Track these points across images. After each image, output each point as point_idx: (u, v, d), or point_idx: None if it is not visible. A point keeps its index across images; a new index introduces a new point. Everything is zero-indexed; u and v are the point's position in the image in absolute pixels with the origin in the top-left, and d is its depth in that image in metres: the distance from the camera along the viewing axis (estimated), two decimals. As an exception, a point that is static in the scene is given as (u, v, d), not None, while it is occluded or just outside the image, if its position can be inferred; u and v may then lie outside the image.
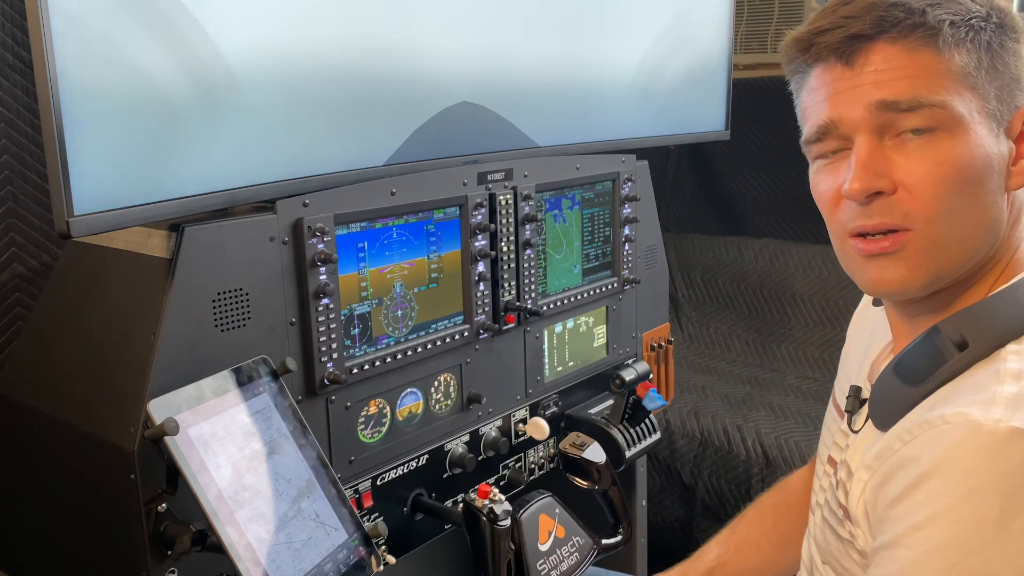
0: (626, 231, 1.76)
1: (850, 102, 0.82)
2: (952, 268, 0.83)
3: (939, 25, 0.80)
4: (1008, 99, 0.83)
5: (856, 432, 0.93)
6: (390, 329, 1.34)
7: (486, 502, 1.29)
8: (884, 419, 0.84)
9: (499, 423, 1.55)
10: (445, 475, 1.45)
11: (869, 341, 1.03)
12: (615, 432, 1.60)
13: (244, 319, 1.14)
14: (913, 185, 0.80)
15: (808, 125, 0.88)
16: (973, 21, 0.81)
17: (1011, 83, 0.83)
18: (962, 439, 0.72)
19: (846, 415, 0.96)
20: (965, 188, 0.80)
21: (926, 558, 0.72)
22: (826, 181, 0.87)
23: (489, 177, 1.46)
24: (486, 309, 1.48)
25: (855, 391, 0.96)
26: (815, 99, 0.86)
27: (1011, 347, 0.78)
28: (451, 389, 1.45)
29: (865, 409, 0.92)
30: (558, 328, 1.65)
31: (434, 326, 1.41)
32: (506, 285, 1.51)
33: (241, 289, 1.13)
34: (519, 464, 1.61)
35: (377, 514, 1.34)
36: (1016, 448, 0.70)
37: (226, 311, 1.12)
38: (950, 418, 0.74)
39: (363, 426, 1.31)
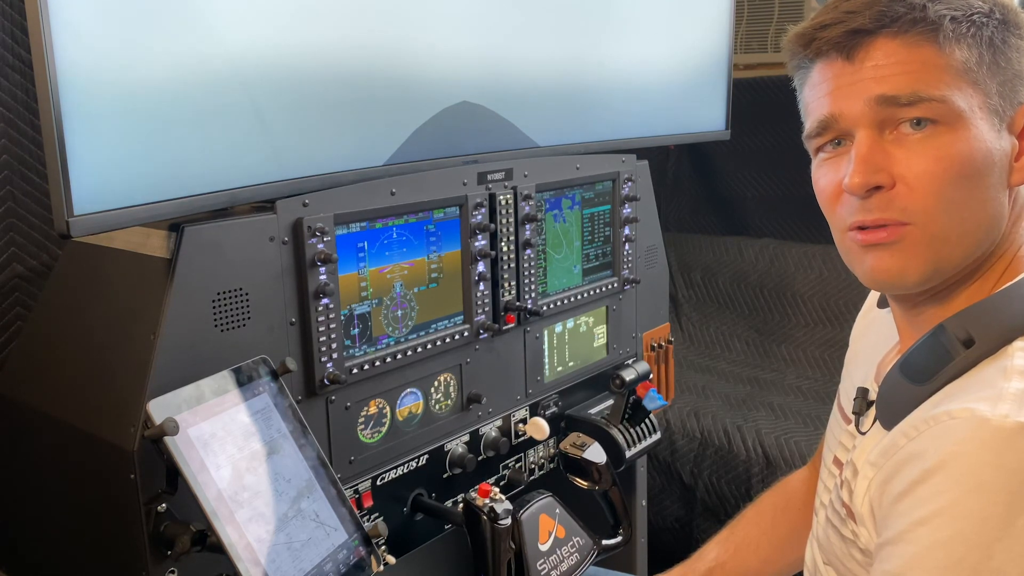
0: (626, 231, 1.76)
1: (850, 97, 0.82)
2: (951, 263, 0.83)
3: (940, 20, 0.80)
4: (1010, 95, 0.82)
5: (864, 433, 0.93)
6: (390, 329, 1.33)
7: (487, 501, 1.29)
8: (890, 418, 0.83)
9: (499, 423, 1.54)
10: (445, 475, 1.45)
11: (875, 344, 1.03)
12: (615, 432, 1.60)
13: (244, 319, 1.13)
14: (912, 180, 0.80)
15: (810, 120, 0.88)
16: (975, 17, 0.81)
17: (1014, 79, 0.83)
18: (968, 435, 0.72)
19: (853, 417, 0.96)
20: (964, 183, 0.80)
21: (930, 553, 0.71)
22: (827, 176, 0.87)
23: (489, 177, 1.46)
24: (486, 309, 1.47)
25: (862, 392, 0.96)
26: (817, 94, 0.86)
27: (1018, 344, 0.78)
28: (451, 389, 1.45)
29: (873, 410, 0.92)
30: (558, 328, 1.65)
31: (434, 326, 1.41)
32: (506, 285, 1.50)
33: (241, 289, 1.13)
34: (519, 464, 1.61)
35: (377, 514, 1.33)
36: (1023, 444, 0.70)
37: (226, 311, 1.11)
38: (956, 414, 0.74)
39: (363, 426, 1.31)
